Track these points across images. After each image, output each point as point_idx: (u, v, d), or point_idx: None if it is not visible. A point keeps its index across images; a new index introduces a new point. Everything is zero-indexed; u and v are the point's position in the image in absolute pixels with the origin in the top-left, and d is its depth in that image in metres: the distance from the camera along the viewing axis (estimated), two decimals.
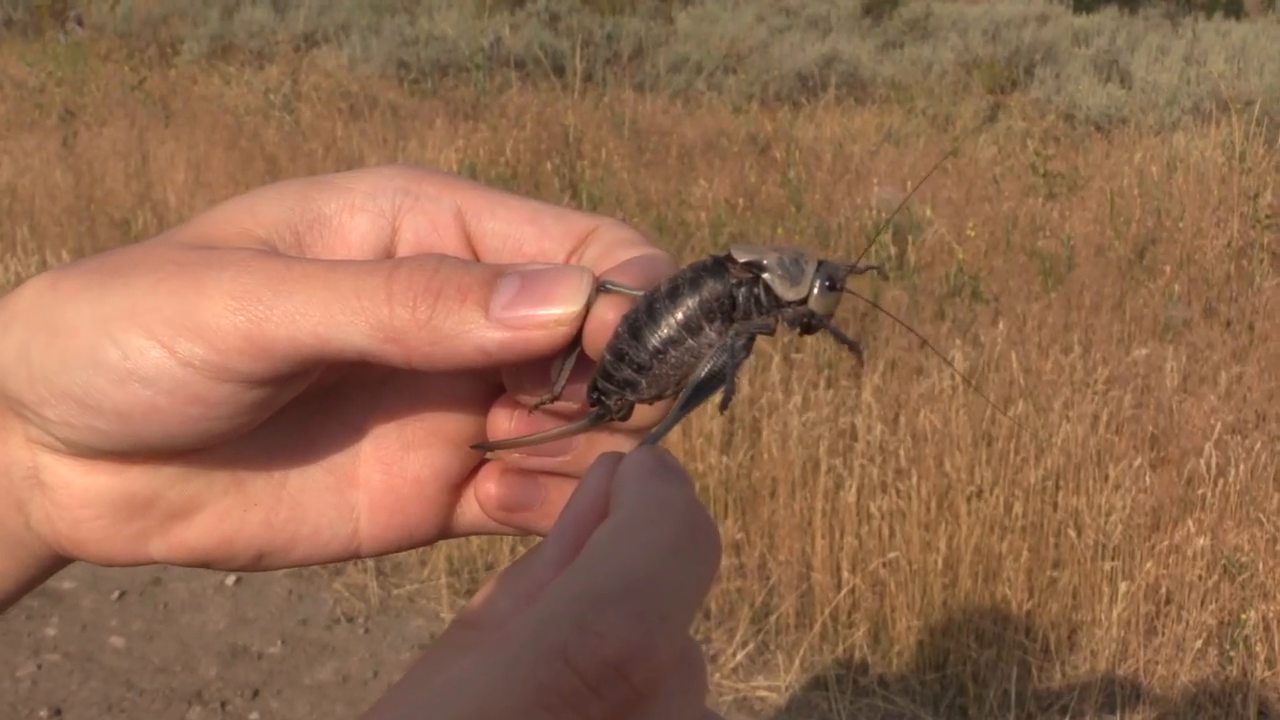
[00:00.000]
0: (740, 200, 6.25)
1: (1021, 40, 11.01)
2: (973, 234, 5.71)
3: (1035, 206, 6.27)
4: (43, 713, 3.00)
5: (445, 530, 0.50)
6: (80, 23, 12.43)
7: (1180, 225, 5.94)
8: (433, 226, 0.47)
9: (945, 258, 5.52)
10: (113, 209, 6.39)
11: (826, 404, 3.98)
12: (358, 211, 0.46)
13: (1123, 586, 3.24)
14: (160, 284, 0.41)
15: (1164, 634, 3.24)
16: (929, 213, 5.90)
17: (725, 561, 3.52)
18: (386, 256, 0.47)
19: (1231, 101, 8.50)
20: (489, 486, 0.48)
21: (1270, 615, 3.21)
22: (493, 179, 6.68)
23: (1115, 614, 3.22)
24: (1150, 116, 8.59)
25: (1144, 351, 4.43)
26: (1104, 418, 3.83)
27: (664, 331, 0.43)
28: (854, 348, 0.44)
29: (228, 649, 3.30)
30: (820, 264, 0.44)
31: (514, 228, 0.46)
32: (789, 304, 0.44)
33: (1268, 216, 5.80)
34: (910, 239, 5.53)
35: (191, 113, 8.07)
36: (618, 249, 0.45)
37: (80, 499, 0.44)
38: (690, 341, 0.43)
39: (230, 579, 3.60)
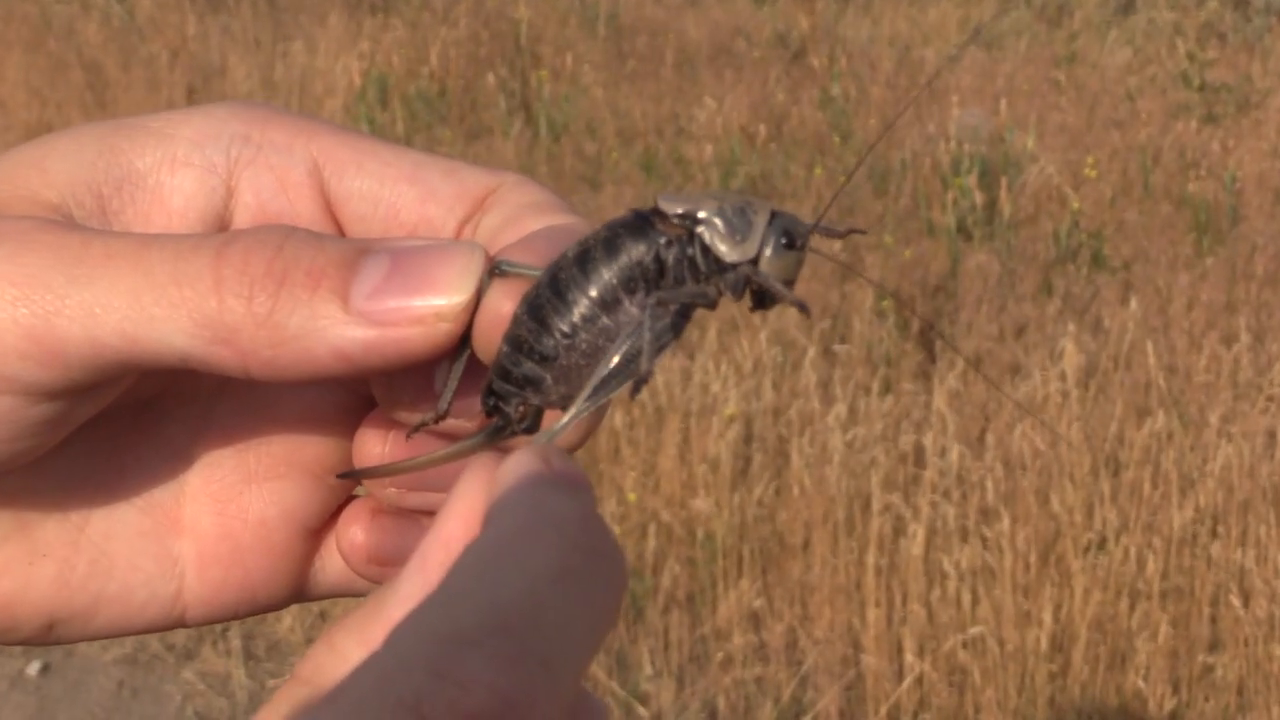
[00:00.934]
0: (762, 128, 6.22)
1: None
2: (1094, 174, 5.69)
3: (1186, 134, 6.24)
4: None
5: (300, 590, 0.52)
6: None
7: None
8: (281, 187, 0.48)
9: (1055, 208, 5.51)
10: None
11: (882, 416, 3.97)
12: (180, 166, 0.48)
13: None
14: None
15: None
16: (1032, 144, 5.88)
17: (738, 639, 3.52)
18: (220, 228, 0.48)
19: None
20: (355, 532, 0.50)
21: None
22: (412, 97, 6.67)
23: None
24: None
25: None
26: None
27: (574, 310, 0.44)
28: (805, 310, 0.46)
29: None
30: (774, 215, 0.46)
31: (388, 188, 0.48)
32: (732, 266, 0.46)
33: None
34: (1005, 181, 5.51)
35: None
36: (525, 217, 0.47)
37: None
38: (606, 320, 0.45)
39: (33, 668, 3.58)
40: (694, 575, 3.68)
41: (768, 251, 0.45)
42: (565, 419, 0.45)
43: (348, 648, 0.37)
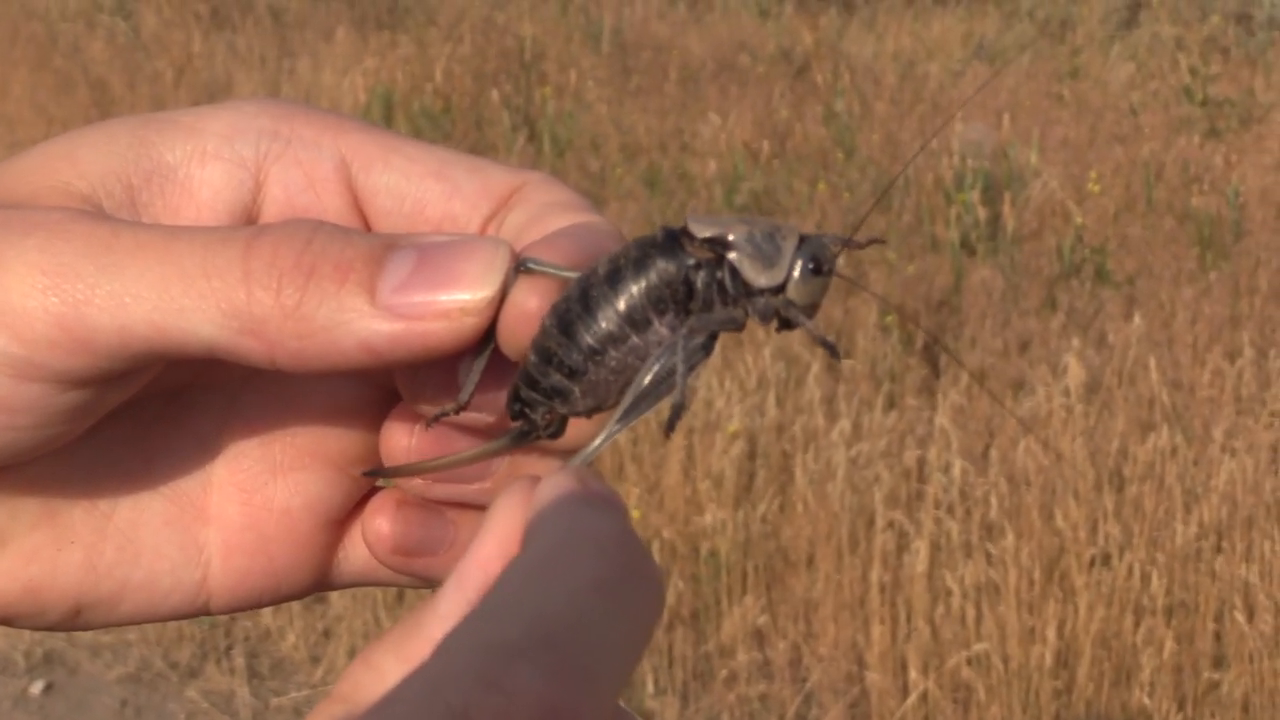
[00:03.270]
0: (765, 143, 6.23)
1: None
2: (1097, 189, 5.69)
3: (1189, 149, 6.24)
4: None
5: (323, 579, 0.52)
6: None
7: None
8: (309, 181, 0.49)
9: (1058, 223, 5.51)
10: None
11: (886, 432, 3.97)
12: (210, 160, 0.48)
13: None
14: None
15: None
16: (1035, 159, 5.90)
17: (742, 656, 3.53)
18: (247, 221, 0.48)
19: None
20: (381, 523, 0.50)
21: None
22: (416, 114, 6.68)
23: None
24: None
25: None
26: None
27: (602, 326, 0.45)
28: (833, 350, 0.46)
29: None
30: (803, 240, 0.46)
31: (415, 184, 0.48)
32: (761, 291, 0.46)
33: None
34: (1008, 196, 5.51)
35: None
36: (549, 215, 0.47)
37: None
38: (635, 339, 0.45)
39: (37, 686, 3.60)
40: (698, 592, 3.68)
41: (795, 276, 0.46)
42: (599, 440, 0.46)
43: (386, 665, 0.38)
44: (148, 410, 0.50)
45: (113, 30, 7.82)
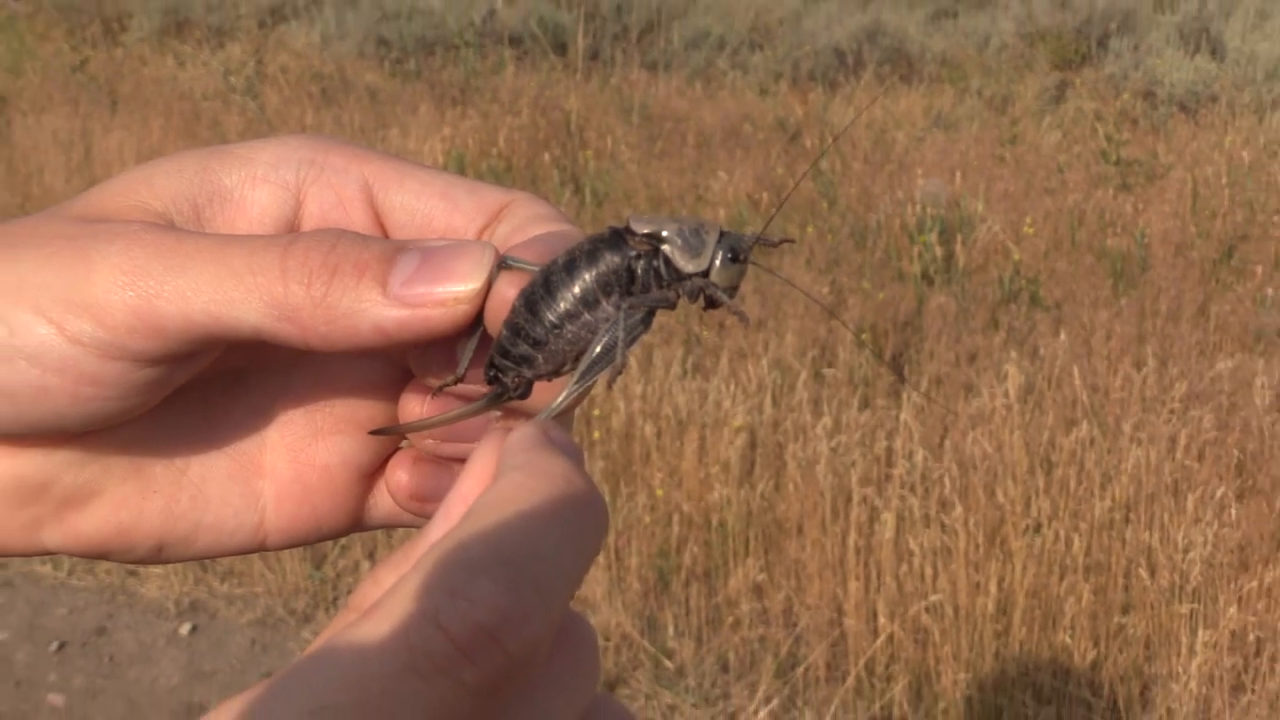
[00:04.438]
0: (764, 194, 6.22)
1: (1094, 7, 10.98)
2: (1031, 231, 5.68)
3: (1105, 199, 6.23)
4: None
5: (357, 522, 0.53)
6: None
7: (1276, 219, 5.90)
8: (338, 200, 0.49)
9: (1000, 259, 5.50)
10: (51, 206, 6.39)
11: (860, 426, 3.96)
12: (259, 183, 0.48)
13: (1204, 635, 3.23)
14: (49, 258, 0.43)
15: (1254, 690, 3.23)
16: (981, 208, 5.88)
17: (745, 606, 3.54)
18: (289, 231, 0.49)
19: None
20: (400, 475, 0.51)
21: None
22: (484, 172, 6.70)
23: (1195, 666, 3.20)
24: (1245, 93, 8.52)
25: (1230, 365, 4.40)
26: (1182, 441, 3.81)
27: (560, 306, 0.45)
28: (744, 319, 0.47)
29: (182, 707, 3.30)
30: (722, 234, 0.47)
31: (424, 202, 0.49)
32: (689, 276, 0.46)
33: None
34: (960, 238, 5.50)
35: (142, 98, 8.07)
36: (530, 225, 0.47)
37: None
38: (587, 316, 0.46)
39: (185, 627, 3.62)
40: (709, 555, 3.68)
41: (717, 264, 0.46)
42: (560, 398, 0.47)
43: (386, 580, 0.38)
44: (214, 387, 0.50)
45: (244, 108, 7.83)
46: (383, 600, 0.34)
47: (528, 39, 9.63)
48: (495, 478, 0.38)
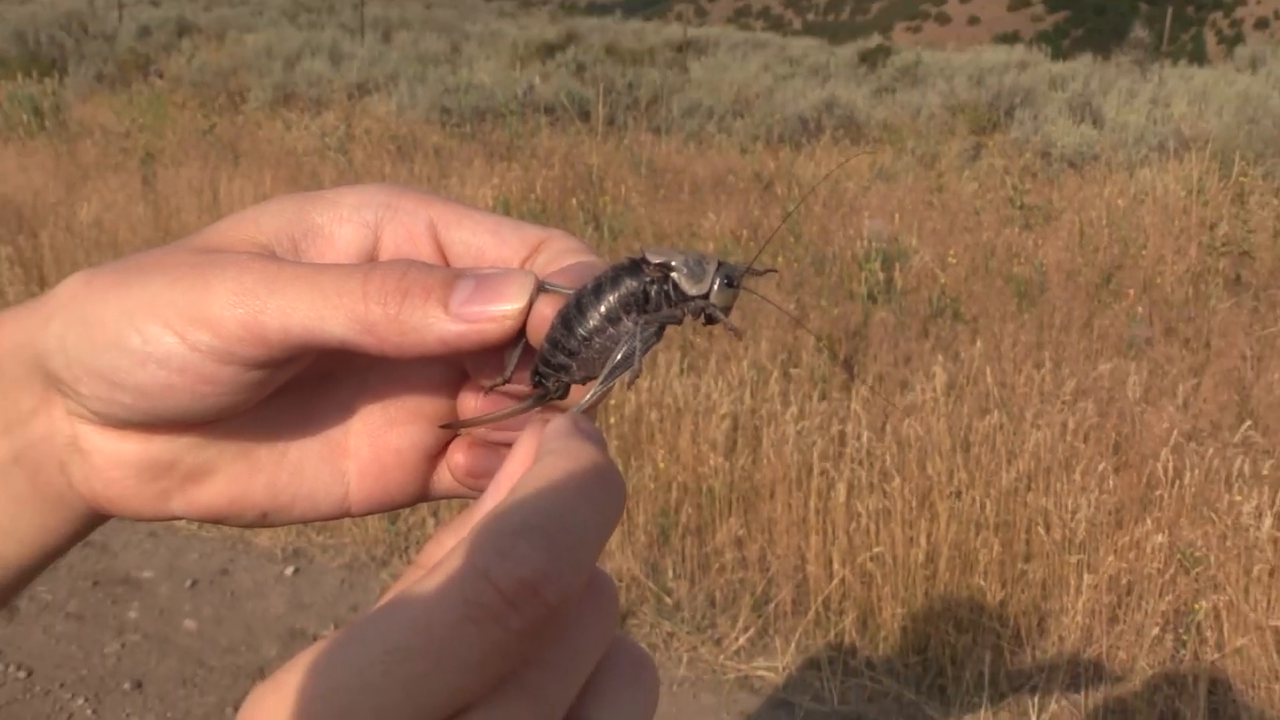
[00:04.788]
0: (745, 231, 6.23)
1: (1003, 85, 10.99)
2: (954, 261, 5.69)
3: (1012, 236, 6.24)
4: (125, 685, 3.02)
5: (423, 494, 0.51)
6: (160, 75, 12.56)
7: (1144, 252, 5.91)
8: (409, 236, 0.48)
9: (929, 282, 5.51)
10: None
11: (820, 414, 3.95)
12: (345, 222, 0.47)
13: (1087, 578, 3.23)
14: (175, 282, 0.43)
15: (1124, 621, 3.23)
16: (915, 242, 5.88)
17: (729, 555, 3.52)
18: (369, 261, 0.47)
19: (1192, 140, 8.49)
20: (459, 458, 0.49)
21: (1221, 605, 3.18)
22: (524, 213, 6.71)
23: (1080, 603, 3.20)
24: (1119, 154, 8.56)
25: (1109, 366, 4.41)
26: (1071, 426, 3.81)
27: (590, 323, 0.44)
28: (737, 333, 0.46)
29: (287, 632, 3.32)
30: (720, 264, 0.45)
31: (478, 238, 0.47)
32: (693, 298, 0.45)
33: (1223, 245, 5.79)
34: (898, 266, 5.50)
35: (257, 154, 8.12)
36: (563, 256, 0.46)
37: (111, 462, 0.46)
38: (611, 330, 0.44)
39: (289, 569, 3.62)
40: (701, 514, 3.67)
41: (715, 288, 0.45)
42: (588, 397, 0.45)
43: (446, 541, 0.38)
44: (308, 385, 0.49)
45: (336, 162, 7.85)
46: (443, 560, 0.33)
47: (559, 108, 9.64)
48: (536, 460, 0.37)
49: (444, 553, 0.35)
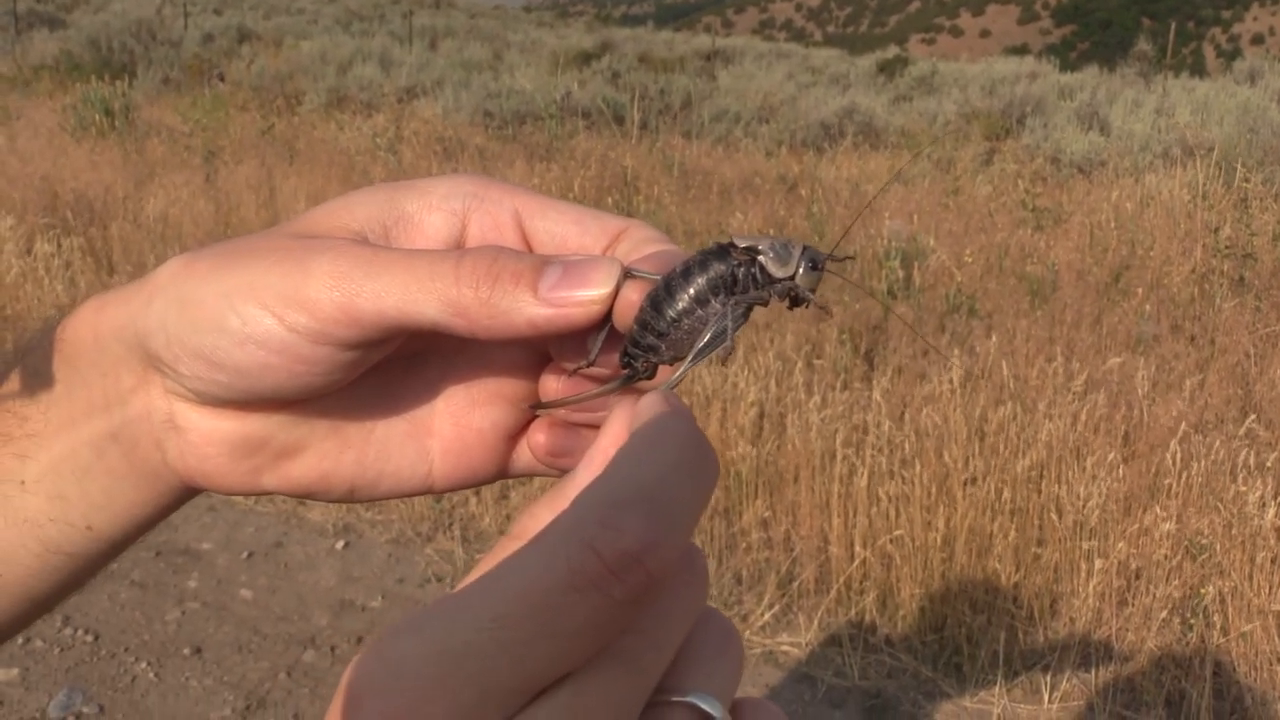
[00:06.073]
0: (771, 230, 6.18)
1: (1015, 94, 10.91)
2: (970, 260, 5.65)
3: (1024, 237, 6.19)
4: (185, 651, 3.04)
5: (503, 472, 0.51)
6: (222, 79, 12.61)
7: (1151, 253, 5.85)
8: (495, 224, 0.47)
9: (946, 280, 5.47)
10: (246, 233, 6.42)
11: (842, 403, 3.92)
12: (434, 210, 0.47)
13: (1098, 563, 3.19)
14: (273, 266, 0.42)
15: (1133, 605, 3.19)
16: (932, 242, 5.84)
17: (755, 535, 3.50)
18: (457, 248, 0.47)
19: (1196, 148, 8.38)
20: (539, 437, 0.48)
21: (1226, 590, 3.14)
22: None
23: (1091, 587, 3.17)
24: (1126, 160, 8.48)
25: (1118, 361, 4.36)
26: (1082, 417, 3.76)
27: (679, 304, 0.43)
28: (827, 312, 0.44)
29: (337, 602, 3.31)
30: (805, 249, 0.45)
31: (561, 227, 0.47)
32: (779, 281, 0.45)
33: (1227, 247, 5.71)
34: (916, 264, 5.47)
35: (312, 153, 8.15)
36: (643, 245, 0.46)
37: (207, 439, 0.46)
38: (699, 312, 0.44)
39: (340, 543, 3.62)
40: (729, 496, 3.65)
41: (801, 270, 0.45)
42: (677, 374, 0.45)
43: (542, 514, 0.37)
44: (396, 366, 0.48)
45: (385, 161, 7.89)
46: (545, 531, 0.32)
47: (595, 113, 9.62)
48: (630, 436, 0.37)
49: (540, 526, 0.35)
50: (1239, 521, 3.26)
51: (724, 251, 0.45)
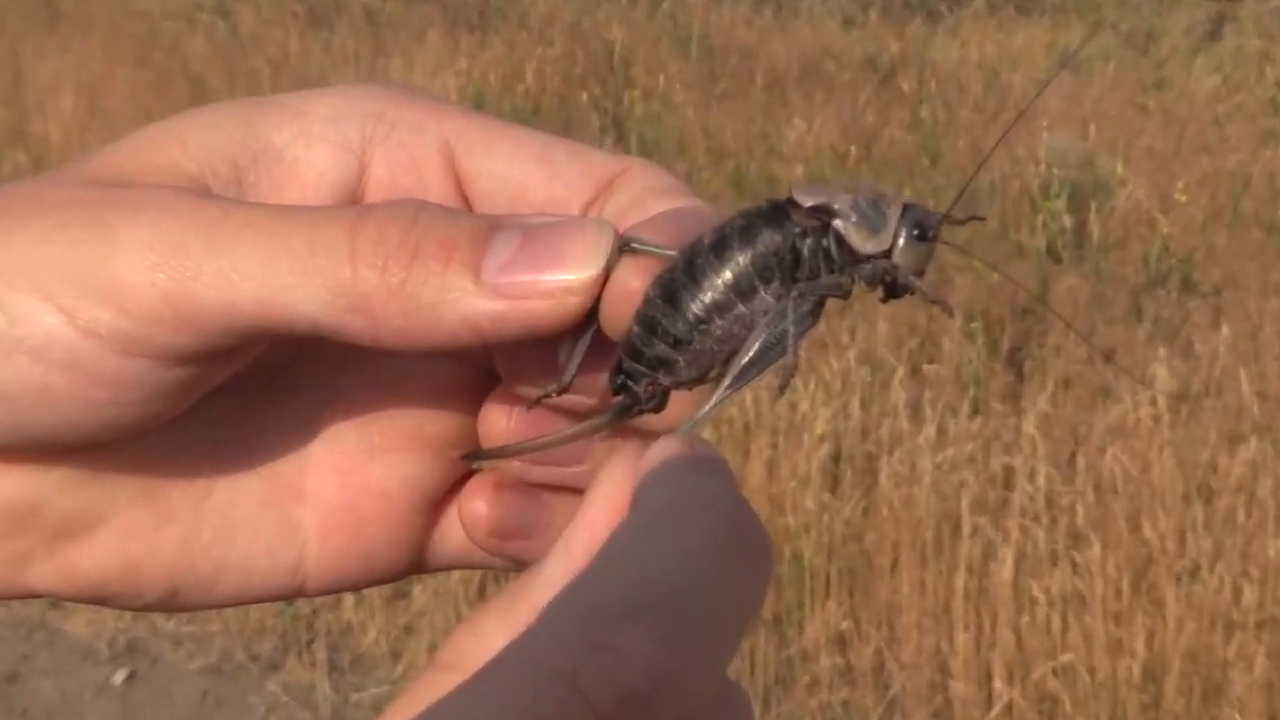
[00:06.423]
0: (852, 148, 6.24)
1: None
2: (1184, 199, 5.68)
3: (1277, 160, 6.22)
4: None
5: (418, 561, 0.53)
6: None
7: None
8: (412, 164, 0.49)
9: (1144, 232, 5.50)
10: None
11: (972, 437, 3.93)
12: (316, 142, 0.49)
13: None
14: (59, 230, 0.43)
15: None
16: (1121, 169, 5.88)
17: (825, 662, 3.50)
18: (352, 202, 0.49)
19: None
20: (478, 505, 0.50)
21: None
22: (506, 114, 6.69)
23: None
24: None
25: None
26: None
27: (708, 295, 0.45)
28: (947, 309, 0.47)
29: None
30: (906, 208, 0.46)
31: (517, 168, 0.49)
32: (867, 258, 0.46)
33: None
34: (1094, 205, 5.51)
35: (85, 15, 8.16)
36: (650, 199, 0.47)
37: None
38: (741, 308, 0.45)
39: (119, 675, 3.61)
40: (780, 595, 3.64)
41: (900, 243, 0.46)
42: (708, 406, 0.47)
43: (491, 630, 0.38)
44: (247, 390, 0.50)
45: (211, 28, 8.00)
46: (499, 659, 0.33)
47: None
48: (634, 504, 0.39)
49: (490, 650, 0.35)
50: None
51: (780, 213, 0.46)
